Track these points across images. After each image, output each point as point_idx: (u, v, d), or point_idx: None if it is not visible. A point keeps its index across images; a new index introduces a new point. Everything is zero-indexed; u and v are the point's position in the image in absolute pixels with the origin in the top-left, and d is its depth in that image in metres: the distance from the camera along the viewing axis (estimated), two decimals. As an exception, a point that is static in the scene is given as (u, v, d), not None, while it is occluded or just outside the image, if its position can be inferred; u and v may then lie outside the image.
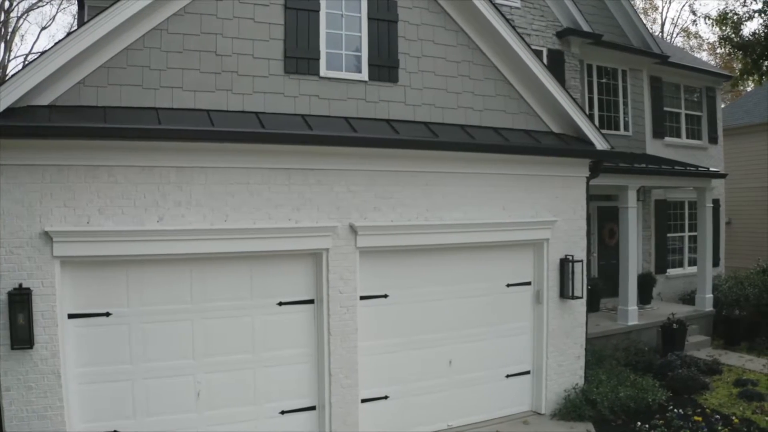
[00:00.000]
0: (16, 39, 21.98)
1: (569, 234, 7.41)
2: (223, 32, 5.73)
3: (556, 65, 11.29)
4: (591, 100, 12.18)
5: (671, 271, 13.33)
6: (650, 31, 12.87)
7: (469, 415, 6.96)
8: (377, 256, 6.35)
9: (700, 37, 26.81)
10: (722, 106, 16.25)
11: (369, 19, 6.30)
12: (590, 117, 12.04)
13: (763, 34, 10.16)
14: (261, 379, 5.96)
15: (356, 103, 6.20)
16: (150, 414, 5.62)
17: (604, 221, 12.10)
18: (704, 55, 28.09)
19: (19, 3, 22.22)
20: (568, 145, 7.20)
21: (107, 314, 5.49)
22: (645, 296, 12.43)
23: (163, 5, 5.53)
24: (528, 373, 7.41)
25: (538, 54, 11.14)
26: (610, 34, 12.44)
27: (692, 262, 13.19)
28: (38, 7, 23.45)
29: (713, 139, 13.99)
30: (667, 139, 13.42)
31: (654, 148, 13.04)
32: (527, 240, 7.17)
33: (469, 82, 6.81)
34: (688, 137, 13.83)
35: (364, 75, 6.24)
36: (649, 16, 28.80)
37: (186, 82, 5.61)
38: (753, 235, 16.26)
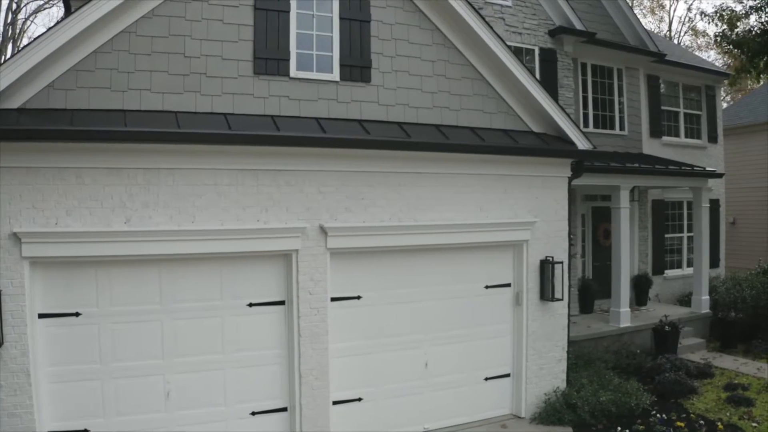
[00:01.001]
0: (24, 40, 22.32)
1: (550, 235, 7.30)
2: (191, 34, 5.74)
3: (548, 64, 11.18)
4: (585, 99, 12.01)
5: (669, 272, 13.10)
6: (646, 28, 12.65)
7: (447, 418, 6.89)
8: (350, 258, 6.32)
9: (707, 35, 26.34)
10: (729, 104, 15.99)
11: (341, 18, 6.26)
12: (584, 116, 11.98)
13: (758, 31, 9.92)
14: (231, 379, 5.95)
15: (327, 103, 6.17)
16: (120, 413, 5.65)
17: (598, 222, 11.94)
18: (712, 54, 27.63)
19: (27, 4, 22.59)
20: (547, 144, 7.10)
21: (77, 314, 5.53)
22: (641, 298, 12.26)
23: (131, 8, 5.55)
24: (508, 376, 7.32)
25: (529, 53, 11.14)
26: (605, 32, 12.27)
27: (691, 263, 12.91)
28: (45, 8, 23.81)
29: (713, 139, 13.73)
30: (665, 138, 13.20)
31: (651, 147, 12.84)
32: (506, 241, 7.08)
33: (445, 81, 6.75)
34: (687, 136, 13.59)
35: (336, 75, 6.21)
36: (656, 14, 28.39)
37: (154, 84, 5.62)
38: (757, 235, 15.93)
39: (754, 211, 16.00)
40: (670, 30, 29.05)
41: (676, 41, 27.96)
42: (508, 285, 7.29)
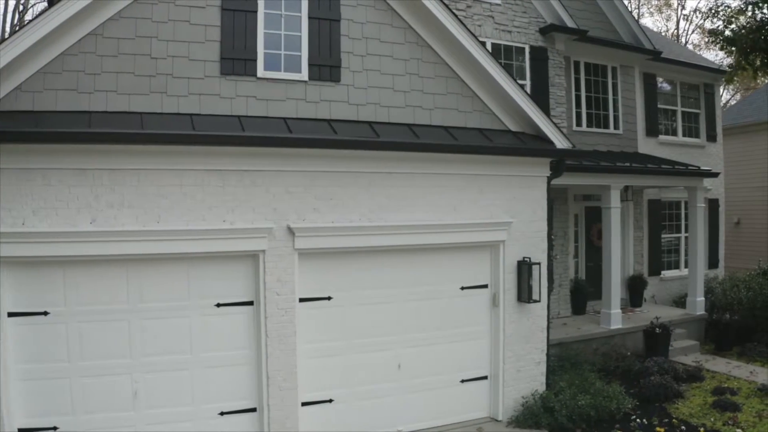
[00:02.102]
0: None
1: (528, 236, 7.20)
2: (158, 35, 5.76)
3: (539, 63, 11.04)
4: (578, 97, 11.86)
5: (666, 273, 12.88)
6: (641, 26, 12.45)
7: (421, 421, 6.82)
8: (319, 258, 6.29)
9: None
10: (734, 102, 15.67)
11: (310, 18, 6.24)
12: (577, 115, 11.82)
13: (754, 27, 9.70)
14: (199, 379, 5.95)
15: (296, 103, 6.15)
16: (88, 411, 5.68)
17: (592, 222, 11.77)
18: (720, 53, 27.09)
19: (33, 5, 22.92)
20: (524, 143, 7.01)
21: (45, 313, 5.57)
22: (636, 299, 12.07)
23: (98, 10, 5.59)
24: (485, 378, 7.23)
25: (519, 51, 11.01)
26: (599, 30, 12.10)
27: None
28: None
29: (712, 138, 13.47)
30: (662, 137, 12.98)
31: (647, 146, 12.63)
32: (481, 242, 6.99)
33: (418, 80, 6.69)
34: (685, 135, 13.35)
35: (304, 75, 6.18)
36: (663, 13, 27.97)
37: (120, 86, 5.65)
38: (761, 235, 15.59)
39: (758, 211, 15.66)
40: (677, 28, 28.61)
41: (683, 40, 27.53)
42: (485, 286, 7.20)
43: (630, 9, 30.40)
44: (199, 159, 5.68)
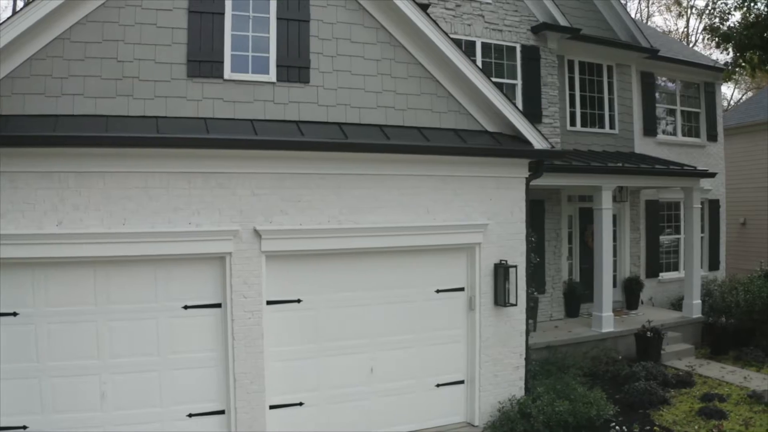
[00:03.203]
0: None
1: (505, 238, 7.08)
2: (124, 39, 5.77)
3: (531, 62, 10.89)
4: (572, 97, 11.69)
5: (664, 275, 12.62)
6: (638, 24, 12.21)
7: (395, 425, 6.74)
8: (289, 261, 6.25)
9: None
10: (741, 101, 15.29)
11: (278, 19, 6.20)
12: (571, 114, 11.64)
13: (748, 23, 9.43)
14: (167, 381, 5.95)
15: (264, 104, 6.12)
16: (57, 411, 5.71)
17: (586, 223, 11.56)
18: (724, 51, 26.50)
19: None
20: (499, 144, 6.89)
21: (14, 314, 5.62)
22: (632, 301, 11.87)
23: (66, 14, 5.62)
24: (462, 382, 7.12)
25: (510, 50, 10.87)
26: (593, 28, 11.92)
27: (690, 266, 12.43)
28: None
29: (712, 137, 13.16)
30: (660, 137, 12.73)
31: (644, 146, 12.40)
32: (456, 244, 6.90)
33: (390, 80, 6.62)
34: (684, 135, 13.06)
35: (272, 76, 6.15)
36: (671, 12, 27.47)
37: (87, 89, 5.67)
38: (765, 235, 15.19)
39: (764, 211, 15.26)
40: (687, 27, 28.06)
41: (693, 38, 26.99)
42: (462, 289, 7.09)
43: (640, 8, 30.00)
44: (164, 161, 5.68)
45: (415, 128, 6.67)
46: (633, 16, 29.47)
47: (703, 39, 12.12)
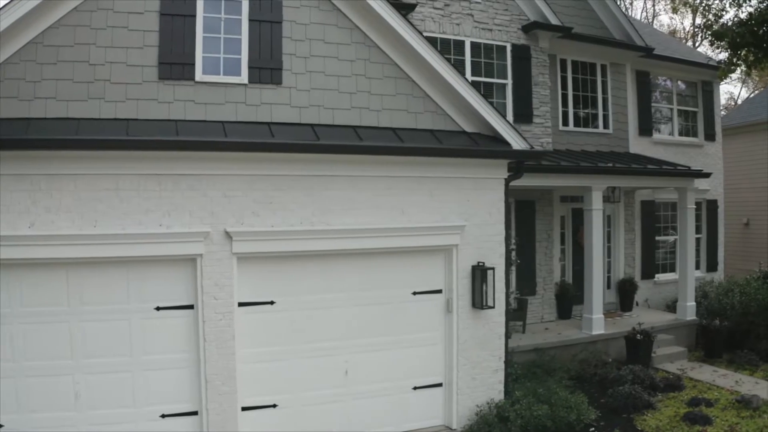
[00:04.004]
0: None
1: (483, 239, 7.01)
2: (96, 42, 5.81)
3: (521, 61, 10.80)
4: (565, 96, 11.56)
5: (660, 277, 12.45)
6: (632, 22, 12.04)
7: (371, 428, 6.70)
8: (262, 262, 6.25)
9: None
10: (745, 99, 15.01)
11: (250, 20, 6.20)
12: (564, 114, 11.52)
13: (741, 21, 9.24)
14: (140, 382, 5.98)
15: (235, 106, 6.13)
16: (32, 410, 5.75)
17: (579, 224, 11.43)
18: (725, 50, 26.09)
19: None
20: (477, 145, 6.83)
21: (-9, 315, 5.70)
22: (626, 303, 11.72)
23: (39, 19, 5.66)
24: (440, 385, 7.07)
25: (501, 50, 10.78)
26: (587, 27, 11.78)
27: (688, 268, 12.21)
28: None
29: (710, 137, 12.94)
30: (656, 136, 12.55)
31: (640, 146, 12.23)
32: (432, 246, 6.85)
33: (364, 81, 6.59)
34: (681, 135, 12.86)
35: (244, 78, 6.16)
36: (678, 11, 27.06)
37: (59, 93, 5.71)
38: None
39: (765, 212, 14.97)
40: (693, 25, 27.66)
41: (699, 38, 26.59)
42: (439, 291, 7.04)
43: (646, 7, 29.64)
44: (134, 164, 5.70)
45: (390, 129, 6.64)
46: (639, 15, 29.22)
47: (704, 38, 11.90)
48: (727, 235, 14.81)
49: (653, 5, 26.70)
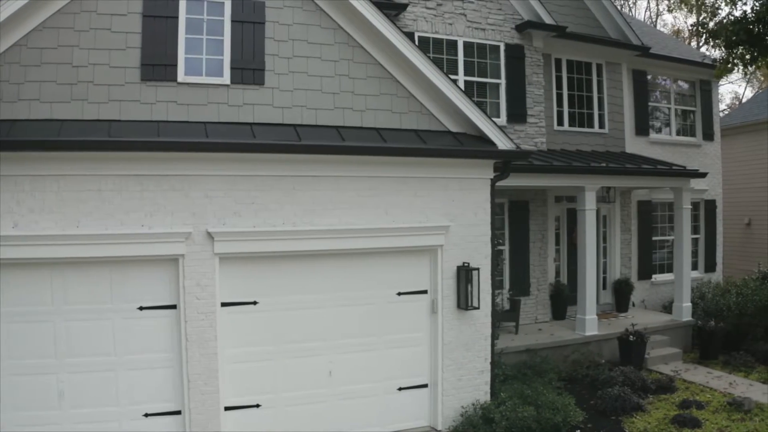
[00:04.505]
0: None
1: (468, 240, 6.99)
2: (79, 44, 5.86)
3: (515, 61, 10.76)
4: (560, 96, 11.49)
5: (658, 277, 12.34)
6: (627, 21, 11.95)
7: (356, 428, 6.69)
8: (245, 263, 6.27)
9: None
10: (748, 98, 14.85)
11: (233, 21, 6.23)
12: (558, 114, 11.46)
13: (736, 18, 9.14)
14: (124, 381, 6.01)
15: (218, 107, 6.15)
16: (17, 408, 5.80)
17: (574, 224, 11.35)
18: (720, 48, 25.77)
19: None
20: (461, 145, 6.81)
21: (-23, 313, 5.77)
22: (622, 304, 11.63)
23: (23, 22, 5.72)
24: (425, 386, 7.05)
25: (494, 49, 10.74)
26: (583, 26, 11.71)
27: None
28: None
29: (709, 136, 12.80)
30: (653, 136, 12.44)
31: (636, 146, 12.14)
32: (416, 246, 6.83)
33: (348, 81, 6.59)
34: (679, 134, 12.74)
35: (226, 79, 6.18)
36: (683, 9, 26.81)
37: (43, 94, 5.77)
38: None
39: (766, 212, 14.81)
40: (695, 24, 27.36)
41: (698, 37, 26.30)
42: (425, 292, 7.02)
43: (649, 7, 29.39)
44: (116, 164, 5.74)
45: (374, 129, 6.64)
46: (643, 14, 29.00)
47: (699, 36, 11.78)
48: (728, 236, 14.67)
49: (656, 4, 26.51)
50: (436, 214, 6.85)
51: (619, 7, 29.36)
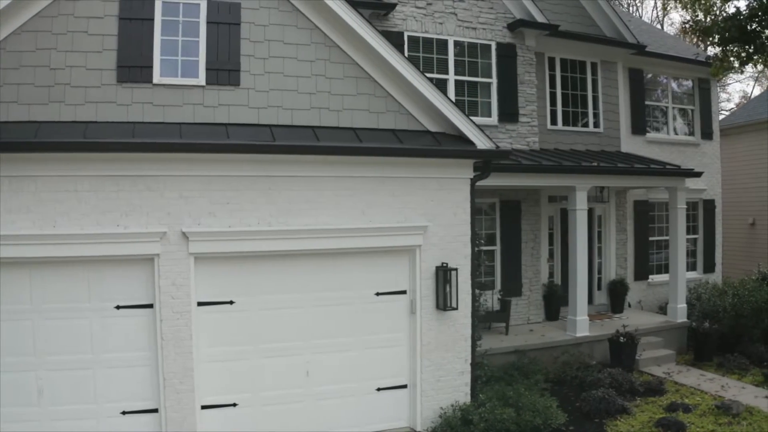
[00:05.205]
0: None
1: (448, 240, 6.95)
2: (57, 47, 5.94)
3: (506, 60, 10.70)
4: (553, 95, 11.40)
5: (655, 278, 12.17)
6: (622, 18, 11.79)
7: (334, 429, 6.69)
8: (221, 262, 6.31)
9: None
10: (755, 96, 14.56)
11: (208, 23, 6.27)
12: (552, 113, 11.36)
13: (729, 15, 8.97)
14: (101, 379, 6.07)
15: (193, 108, 6.20)
16: (-1, 404, 5.94)
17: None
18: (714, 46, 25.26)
19: None
20: (439, 144, 6.78)
21: (-41, 312, 5.87)
22: (617, 305, 11.50)
23: (2, 26, 5.83)
24: (405, 387, 7.02)
25: (485, 48, 10.68)
26: (577, 24, 11.60)
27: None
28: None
29: (707, 135, 12.59)
30: (650, 135, 12.28)
31: (633, 145, 11.99)
32: (395, 246, 6.81)
33: (324, 81, 6.60)
34: (677, 133, 12.54)
35: (201, 80, 6.22)
36: (689, 9, 26.36)
37: (21, 97, 5.86)
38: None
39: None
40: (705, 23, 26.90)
41: (698, 35, 25.84)
42: (404, 292, 6.99)
43: (656, 5, 28.99)
44: (92, 165, 5.80)
45: (351, 129, 6.64)
46: (651, 14, 28.59)
47: (684, 32, 11.60)
48: (732, 236, 14.42)
49: (663, 3, 26.15)
50: (415, 214, 6.83)
51: (625, 6, 29.07)
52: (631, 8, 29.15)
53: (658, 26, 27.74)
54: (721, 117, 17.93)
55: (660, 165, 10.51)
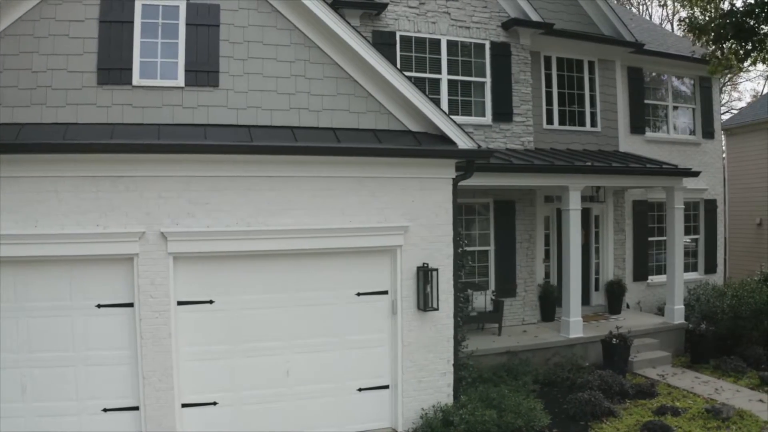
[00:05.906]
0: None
1: (429, 240, 6.92)
2: (39, 50, 6.04)
3: (501, 59, 10.64)
4: (549, 94, 11.30)
5: (654, 278, 11.98)
6: (620, 16, 11.63)
7: (314, 429, 6.70)
8: (200, 262, 6.36)
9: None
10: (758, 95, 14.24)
11: (187, 25, 6.33)
12: (548, 113, 11.26)
13: (723, 12, 8.80)
14: (83, 376, 6.16)
15: (172, 109, 6.26)
16: (-18, 400, 6.06)
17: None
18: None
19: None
20: (419, 144, 6.76)
21: (-55, 310, 6.01)
22: (614, 306, 11.36)
23: (-14, 30, 5.98)
24: (386, 387, 7.00)
25: (479, 48, 10.62)
26: (574, 23, 11.49)
27: (686, 268, 11.66)
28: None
29: (709, 134, 12.36)
30: (649, 134, 12.09)
31: (631, 144, 11.82)
32: (375, 247, 6.80)
33: (304, 81, 6.62)
34: (678, 133, 12.33)
35: (180, 81, 6.28)
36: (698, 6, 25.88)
37: (4, 99, 5.96)
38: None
39: (777, 212, 14.21)
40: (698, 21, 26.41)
41: (695, 33, 25.34)
42: (385, 293, 6.98)
43: (666, 4, 28.51)
44: (72, 166, 5.89)
45: (330, 129, 6.65)
46: (660, 13, 28.12)
47: (681, 29, 11.37)
48: (738, 236, 14.14)
49: (673, 2, 25.66)
50: (395, 214, 6.81)
51: (635, 5, 28.59)
52: (640, 7, 28.74)
53: (668, 25, 27.32)
54: (730, 116, 17.62)
55: (657, 164, 10.35)
